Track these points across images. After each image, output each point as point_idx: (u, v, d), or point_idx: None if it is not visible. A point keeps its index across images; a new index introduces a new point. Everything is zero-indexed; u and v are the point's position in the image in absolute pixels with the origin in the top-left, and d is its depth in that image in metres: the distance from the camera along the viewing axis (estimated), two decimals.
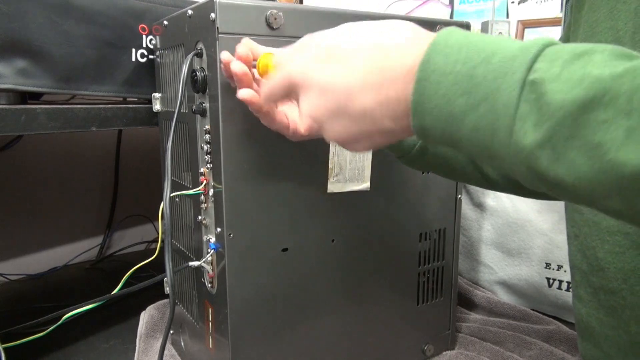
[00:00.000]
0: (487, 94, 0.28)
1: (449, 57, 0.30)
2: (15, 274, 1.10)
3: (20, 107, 0.60)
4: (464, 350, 0.80)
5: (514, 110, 0.27)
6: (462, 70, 0.29)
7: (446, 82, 0.30)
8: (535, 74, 0.27)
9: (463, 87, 0.29)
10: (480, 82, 0.28)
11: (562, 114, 0.25)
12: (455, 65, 0.30)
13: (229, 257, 0.56)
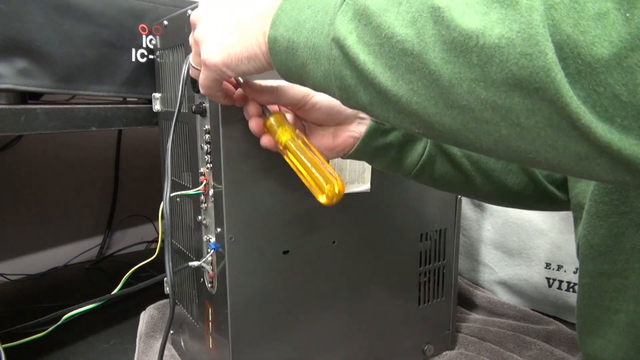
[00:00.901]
0: (325, 3, 0.38)
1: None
2: (15, 274, 1.10)
3: (20, 107, 0.60)
4: (464, 350, 0.80)
5: (338, 8, 0.36)
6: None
7: (300, 1, 0.39)
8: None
9: (311, 2, 0.39)
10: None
11: (362, 10, 0.34)
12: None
13: (229, 259, 0.56)
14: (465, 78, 0.30)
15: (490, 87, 0.29)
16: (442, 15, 0.30)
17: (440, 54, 0.30)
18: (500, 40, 0.27)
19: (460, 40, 0.29)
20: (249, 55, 0.44)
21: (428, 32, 0.31)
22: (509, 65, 0.27)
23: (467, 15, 0.29)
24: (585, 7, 0.26)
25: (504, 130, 0.30)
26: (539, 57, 0.26)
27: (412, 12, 0.32)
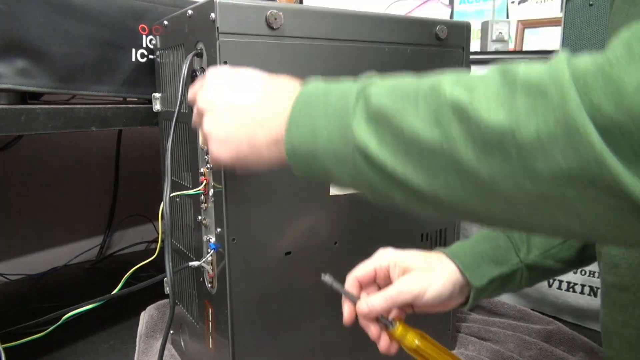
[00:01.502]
0: (336, 107, 0.37)
1: (315, 92, 0.39)
2: (15, 274, 1.10)
3: (20, 107, 0.60)
4: (464, 350, 0.80)
5: (352, 114, 0.35)
6: (322, 96, 0.38)
7: (312, 104, 0.39)
8: (367, 89, 0.36)
9: (320, 107, 0.38)
10: (332, 103, 0.37)
11: (378, 111, 0.34)
12: (318, 94, 0.39)
13: (231, 260, 0.56)
14: (507, 174, 0.28)
15: (538, 181, 0.27)
16: (467, 114, 0.29)
17: (475, 153, 0.29)
18: (539, 134, 0.26)
19: (494, 138, 0.28)
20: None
21: (455, 131, 0.29)
22: (555, 159, 0.26)
23: (493, 109, 0.28)
24: (622, 85, 0.24)
25: (562, 219, 0.28)
26: (586, 149, 0.25)
27: (432, 110, 0.31)
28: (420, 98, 0.32)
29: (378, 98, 0.34)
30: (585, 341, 0.80)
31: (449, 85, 0.31)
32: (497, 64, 0.31)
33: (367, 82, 0.37)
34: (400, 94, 0.34)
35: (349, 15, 0.60)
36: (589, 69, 0.25)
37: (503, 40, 1.11)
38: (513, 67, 0.29)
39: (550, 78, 0.26)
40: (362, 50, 0.60)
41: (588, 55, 0.27)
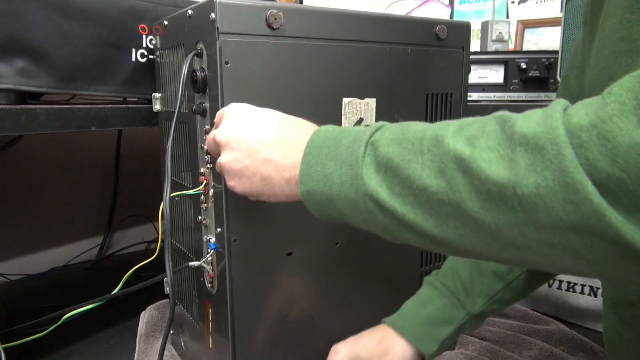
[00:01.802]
0: (346, 156, 0.39)
1: (327, 136, 0.41)
2: (15, 274, 1.10)
3: (20, 107, 0.60)
4: (464, 350, 0.80)
5: (361, 162, 0.37)
6: (333, 144, 0.40)
7: (321, 154, 0.41)
8: (374, 137, 0.38)
9: (332, 155, 0.40)
10: (342, 151, 0.39)
11: (386, 162, 0.36)
12: (329, 140, 0.41)
13: (232, 261, 0.56)
14: (512, 223, 0.29)
15: (542, 231, 0.28)
16: (469, 167, 0.30)
17: (479, 203, 0.30)
18: (538, 189, 0.27)
19: (496, 190, 0.29)
20: (273, 197, 0.46)
21: (460, 182, 0.31)
22: (556, 212, 0.27)
23: (494, 163, 0.29)
24: (616, 142, 0.25)
25: (569, 262, 0.29)
26: (585, 204, 0.26)
27: (436, 161, 0.33)
28: (425, 149, 0.34)
29: (386, 148, 0.36)
30: (585, 341, 0.80)
31: (452, 138, 0.32)
32: (496, 113, 0.32)
33: (375, 130, 0.39)
34: (407, 144, 0.35)
35: (349, 15, 0.60)
36: (582, 125, 0.26)
37: (503, 40, 1.11)
38: (511, 118, 0.30)
39: (546, 135, 0.27)
40: (362, 50, 0.60)
41: (582, 106, 0.28)
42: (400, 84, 0.65)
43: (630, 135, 0.25)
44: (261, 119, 0.46)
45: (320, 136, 0.42)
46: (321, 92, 0.58)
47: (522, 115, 0.30)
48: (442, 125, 0.35)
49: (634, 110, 0.25)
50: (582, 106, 0.28)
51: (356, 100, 0.61)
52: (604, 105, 0.26)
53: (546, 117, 0.28)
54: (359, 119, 0.62)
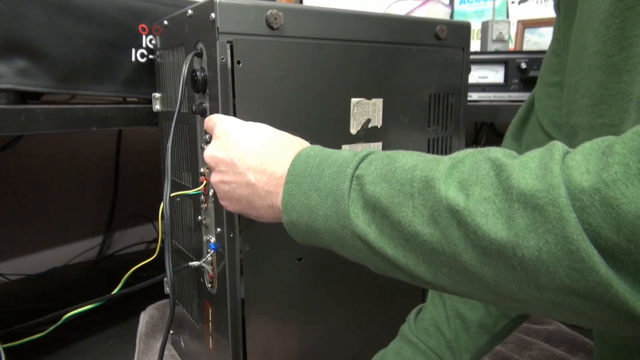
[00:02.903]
0: (331, 188, 0.37)
1: (308, 163, 0.40)
2: (15, 274, 1.10)
3: (20, 107, 0.60)
4: None
5: (347, 198, 0.36)
6: (315, 173, 0.39)
7: (304, 183, 0.39)
8: (360, 170, 0.36)
9: (315, 185, 0.38)
10: (326, 182, 0.38)
11: (375, 202, 0.34)
12: (311, 169, 0.39)
13: (245, 268, 0.56)
14: (512, 280, 0.28)
15: (543, 290, 0.27)
16: (464, 220, 0.29)
17: (476, 257, 0.29)
18: (540, 252, 0.26)
19: (494, 248, 0.28)
20: (260, 219, 0.46)
21: (455, 234, 0.29)
22: (559, 276, 0.26)
23: (491, 218, 0.28)
24: (621, 210, 0.24)
25: (571, 317, 0.28)
26: (590, 274, 0.25)
27: (429, 207, 0.31)
28: (416, 192, 0.32)
29: (373, 186, 0.35)
30: (585, 341, 0.80)
31: (444, 182, 0.31)
32: (489, 153, 0.31)
33: (359, 161, 0.37)
34: (395, 183, 0.34)
35: (349, 15, 0.60)
36: (584, 188, 0.25)
37: (503, 40, 1.11)
38: (507, 167, 0.28)
39: (546, 194, 0.26)
40: (362, 50, 0.60)
41: (582, 158, 0.26)
42: (405, 85, 0.65)
43: (635, 204, 0.23)
44: (247, 140, 0.45)
45: (302, 162, 0.40)
46: (329, 92, 0.58)
47: (519, 163, 0.28)
48: (432, 163, 0.33)
49: (638, 174, 0.24)
50: (582, 158, 0.26)
51: (364, 100, 0.61)
52: (607, 165, 0.25)
53: (545, 170, 0.27)
54: (367, 119, 0.62)
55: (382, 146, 0.64)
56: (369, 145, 0.63)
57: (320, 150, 0.41)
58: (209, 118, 0.51)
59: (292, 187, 0.40)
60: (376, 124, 0.63)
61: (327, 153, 0.40)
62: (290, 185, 0.40)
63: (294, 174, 0.40)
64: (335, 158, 0.39)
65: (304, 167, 0.40)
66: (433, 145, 0.70)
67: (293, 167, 0.41)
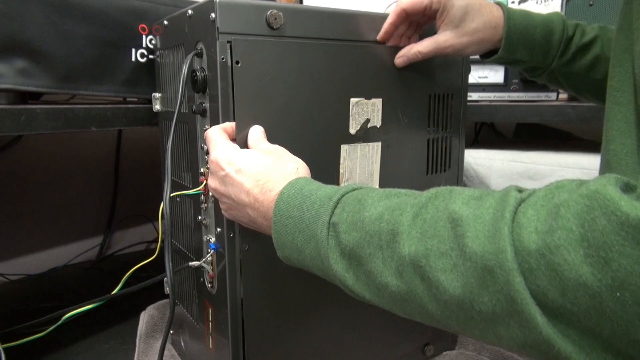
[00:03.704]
0: (312, 232, 0.40)
1: (289, 204, 0.43)
2: (15, 274, 1.10)
3: (20, 107, 0.60)
4: (464, 350, 0.80)
5: (326, 245, 0.39)
6: (297, 215, 0.42)
7: (289, 224, 0.42)
8: (335, 217, 0.39)
9: (299, 228, 0.41)
10: (307, 225, 0.41)
11: (350, 251, 0.37)
12: (293, 210, 0.42)
13: (243, 268, 0.56)
14: (473, 327, 0.31)
15: (501, 338, 0.30)
16: (426, 275, 0.32)
17: (439, 309, 0.32)
18: (494, 308, 0.29)
19: (454, 302, 0.30)
20: (262, 232, 0.49)
21: (418, 288, 0.32)
22: (512, 329, 0.28)
23: (449, 274, 0.30)
24: (564, 277, 0.26)
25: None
26: (535, 333, 0.27)
27: (395, 260, 0.34)
28: (384, 244, 0.35)
29: (346, 235, 0.38)
30: None
31: (407, 237, 0.33)
32: (448, 203, 0.33)
33: (334, 206, 0.40)
34: (365, 234, 0.36)
35: (349, 15, 0.60)
36: (531, 251, 0.27)
37: None
38: (462, 221, 0.31)
39: (495, 257, 0.28)
40: (362, 50, 0.60)
41: (533, 214, 0.28)
42: (404, 85, 0.65)
43: (577, 272, 0.25)
44: (240, 178, 0.48)
45: (284, 203, 0.44)
46: (328, 92, 0.58)
47: (474, 217, 0.30)
48: (396, 213, 0.35)
49: (580, 240, 0.25)
50: (533, 213, 0.28)
51: (363, 100, 0.61)
52: (551, 230, 0.26)
53: (495, 230, 0.29)
54: (366, 119, 0.62)
55: (382, 146, 0.64)
56: (367, 145, 0.63)
57: (299, 189, 0.44)
58: (206, 135, 0.53)
59: (280, 227, 0.43)
60: (375, 124, 0.63)
61: (306, 193, 0.43)
62: (278, 225, 0.44)
63: (279, 215, 0.44)
64: (313, 200, 0.42)
65: (287, 208, 0.43)
66: (433, 145, 0.70)
67: (277, 208, 0.44)
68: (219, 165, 0.49)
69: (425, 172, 0.71)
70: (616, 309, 0.24)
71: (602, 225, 0.24)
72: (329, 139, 0.60)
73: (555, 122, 0.88)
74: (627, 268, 0.23)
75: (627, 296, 0.23)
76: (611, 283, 0.24)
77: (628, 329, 0.24)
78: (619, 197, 0.24)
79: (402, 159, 0.67)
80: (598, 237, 0.24)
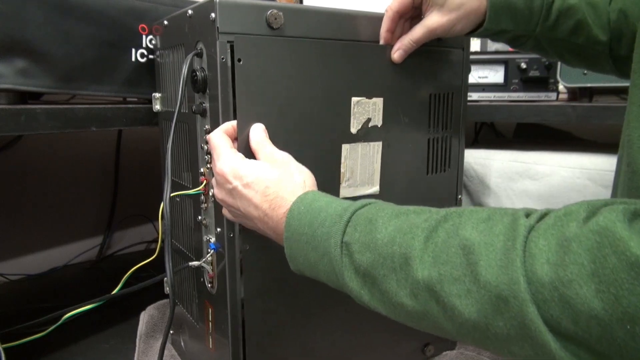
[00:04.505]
0: (325, 250, 0.41)
1: (300, 221, 0.43)
2: (15, 274, 1.10)
3: (20, 107, 0.60)
4: (464, 350, 0.80)
5: (340, 263, 0.40)
6: (309, 232, 0.42)
7: (301, 241, 0.43)
8: (347, 236, 0.40)
9: (311, 245, 0.42)
10: (320, 242, 0.41)
11: (364, 270, 0.38)
12: (304, 227, 0.43)
13: (245, 269, 0.56)
14: (489, 345, 0.32)
15: (515, 356, 0.31)
16: (441, 299, 0.33)
17: (455, 329, 0.33)
18: (509, 332, 0.30)
19: (470, 325, 0.32)
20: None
21: (434, 310, 0.34)
22: (526, 350, 0.30)
23: (464, 299, 0.32)
24: (576, 309, 0.27)
25: None
26: (548, 357, 0.29)
27: (409, 283, 0.35)
28: (398, 267, 0.36)
29: (360, 255, 0.38)
30: None
31: (419, 262, 0.34)
32: (459, 230, 0.34)
33: (346, 224, 0.41)
34: (378, 256, 0.37)
35: (349, 15, 0.60)
36: (545, 283, 0.28)
37: None
38: (474, 250, 0.32)
39: (508, 287, 0.29)
40: (362, 50, 0.60)
41: (545, 246, 0.29)
42: (405, 84, 0.65)
43: (589, 306, 0.26)
44: (245, 193, 0.48)
45: (295, 220, 0.44)
46: (330, 91, 0.58)
47: (485, 244, 0.31)
48: (408, 237, 0.36)
49: (591, 276, 0.26)
50: (545, 243, 0.29)
51: (364, 99, 0.61)
52: (564, 264, 0.27)
53: (507, 259, 0.30)
54: (367, 118, 0.62)
55: (382, 145, 0.64)
56: (368, 144, 0.63)
57: (309, 205, 0.44)
58: (209, 139, 0.53)
59: (292, 243, 0.44)
60: (376, 123, 0.63)
61: (316, 209, 0.43)
62: (290, 241, 0.44)
63: (291, 232, 0.44)
64: (323, 218, 0.42)
65: (298, 224, 0.44)
66: (433, 145, 0.70)
67: (288, 225, 0.44)
68: (226, 179, 0.49)
69: (426, 171, 0.71)
70: (626, 339, 0.26)
71: (612, 264, 0.26)
72: (330, 138, 0.60)
73: (555, 122, 0.88)
74: (637, 304, 0.25)
75: (637, 329, 0.25)
76: (622, 317, 0.25)
77: (637, 356, 0.26)
78: (629, 237, 0.26)
79: (403, 159, 0.67)
80: (609, 274, 0.26)
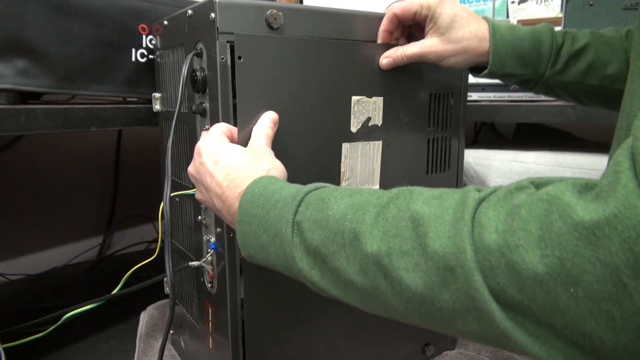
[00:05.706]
0: (277, 231, 0.41)
1: (254, 203, 0.43)
2: (15, 274, 1.10)
3: (20, 107, 0.60)
4: (464, 350, 0.80)
5: (291, 243, 0.39)
6: (262, 214, 0.42)
7: (254, 223, 0.43)
8: (299, 215, 0.40)
9: (263, 227, 0.42)
10: (272, 223, 0.41)
11: (314, 249, 0.38)
12: (257, 209, 0.43)
13: (245, 270, 0.56)
14: (435, 322, 0.33)
15: (460, 333, 0.32)
16: (389, 273, 0.33)
17: (403, 304, 0.33)
18: (454, 305, 0.30)
19: (417, 299, 0.32)
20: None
21: (382, 285, 0.34)
22: (471, 324, 0.30)
23: (411, 272, 0.32)
24: (522, 275, 0.27)
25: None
26: (493, 327, 0.29)
27: (358, 258, 0.35)
28: (347, 243, 0.36)
29: (310, 233, 0.38)
30: None
31: (369, 236, 0.34)
32: (410, 203, 0.34)
33: (298, 204, 0.41)
34: (329, 233, 0.37)
35: (349, 15, 0.60)
36: (492, 249, 0.28)
37: None
38: (424, 221, 0.32)
39: (455, 257, 0.29)
40: (362, 49, 0.60)
41: (494, 214, 0.29)
42: (405, 84, 0.65)
43: (533, 271, 0.26)
44: (211, 169, 0.48)
45: (248, 202, 0.44)
46: (330, 90, 0.58)
47: (435, 217, 0.32)
48: (359, 213, 0.36)
49: (538, 241, 0.27)
50: (494, 214, 0.29)
51: (365, 98, 0.61)
52: (512, 230, 0.28)
53: (455, 230, 0.30)
54: (367, 118, 0.62)
55: (382, 145, 0.64)
56: (368, 143, 0.63)
57: (263, 187, 0.44)
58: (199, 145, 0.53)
59: (244, 226, 0.44)
60: (376, 123, 0.63)
61: (270, 191, 0.43)
62: (242, 224, 0.44)
63: (243, 214, 0.44)
64: (276, 199, 0.42)
65: (251, 206, 0.43)
66: (433, 145, 0.70)
67: (241, 206, 0.44)
68: (199, 154, 0.50)
69: (426, 171, 0.71)
70: (570, 304, 0.26)
71: (558, 227, 0.26)
72: (330, 137, 0.60)
73: (555, 122, 0.88)
74: (580, 266, 0.25)
75: (580, 292, 0.25)
76: (565, 280, 0.26)
77: (579, 322, 0.26)
78: (576, 202, 0.26)
79: (403, 158, 0.67)
80: (554, 238, 0.26)
